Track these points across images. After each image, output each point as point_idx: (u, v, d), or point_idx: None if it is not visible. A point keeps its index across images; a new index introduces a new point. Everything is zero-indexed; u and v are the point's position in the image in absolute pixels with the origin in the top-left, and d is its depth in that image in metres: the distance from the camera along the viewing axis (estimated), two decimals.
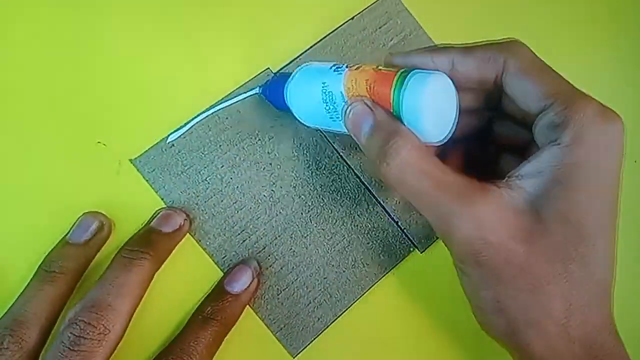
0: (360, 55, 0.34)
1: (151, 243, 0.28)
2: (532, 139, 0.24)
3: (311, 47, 0.33)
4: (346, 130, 0.26)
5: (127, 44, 0.32)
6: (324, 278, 0.31)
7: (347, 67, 0.26)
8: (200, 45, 0.33)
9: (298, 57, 0.33)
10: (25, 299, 0.26)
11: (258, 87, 0.31)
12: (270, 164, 0.32)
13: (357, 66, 0.26)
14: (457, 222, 0.22)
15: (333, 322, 0.31)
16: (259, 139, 0.32)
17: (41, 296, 0.26)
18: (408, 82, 0.23)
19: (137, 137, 0.31)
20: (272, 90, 0.30)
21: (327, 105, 0.27)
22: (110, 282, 0.26)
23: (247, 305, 0.30)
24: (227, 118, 0.32)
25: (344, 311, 0.31)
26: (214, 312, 0.28)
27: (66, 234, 0.28)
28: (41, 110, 0.31)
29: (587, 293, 0.22)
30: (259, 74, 0.33)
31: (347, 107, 0.25)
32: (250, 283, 0.29)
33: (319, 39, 0.34)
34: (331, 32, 0.34)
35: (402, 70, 0.24)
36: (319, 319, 0.31)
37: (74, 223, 0.29)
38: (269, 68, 0.33)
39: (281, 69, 0.33)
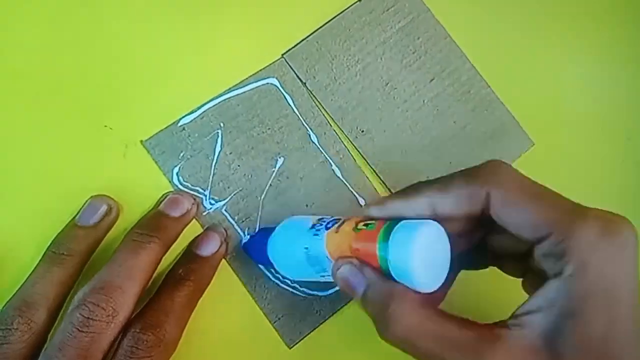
0: (368, 37, 0.34)
1: (159, 227, 0.28)
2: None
3: (318, 29, 0.33)
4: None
5: (138, 29, 0.32)
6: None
7: (325, 227, 0.25)
8: (214, 30, 0.32)
9: (305, 38, 0.33)
10: (34, 280, 0.26)
11: (275, 78, 0.30)
12: (279, 153, 0.32)
13: (336, 227, 0.24)
14: None
15: (331, 316, 0.31)
16: (269, 128, 0.32)
17: (49, 278, 0.26)
18: (390, 241, 0.22)
19: (143, 121, 0.31)
20: (253, 246, 0.29)
21: (314, 267, 0.25)
22: (119, 265, 0.26)
23: (248, 294, 0.30)
24: (238, 105, 0.32)
25: (343, 306, 0.31)
26: (187, 273, 0.28)
27: (74, 217, 0.28)
28: (48, 95, 0.31)
29: None
30: (273, 62, 0.32)
31: (335, 269, 0.24)
32: (219, 247, 0.29)
33: (326, 21, 0.33)
34: (338, 14, 0.33)
35: (385, 226, 0.23)
36: (317, 312, 0.31)
37: (82, 206, 0.29)
38: (283, 57, 0.33)
39: (288, 50, 0.33)
